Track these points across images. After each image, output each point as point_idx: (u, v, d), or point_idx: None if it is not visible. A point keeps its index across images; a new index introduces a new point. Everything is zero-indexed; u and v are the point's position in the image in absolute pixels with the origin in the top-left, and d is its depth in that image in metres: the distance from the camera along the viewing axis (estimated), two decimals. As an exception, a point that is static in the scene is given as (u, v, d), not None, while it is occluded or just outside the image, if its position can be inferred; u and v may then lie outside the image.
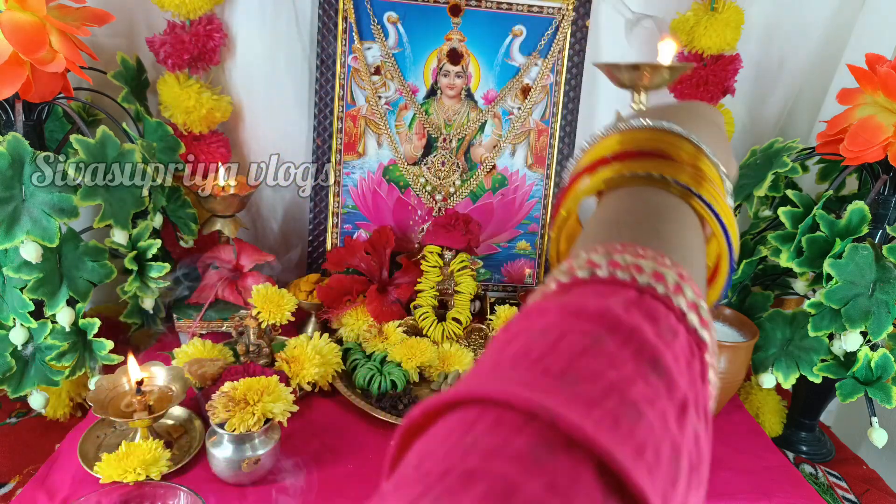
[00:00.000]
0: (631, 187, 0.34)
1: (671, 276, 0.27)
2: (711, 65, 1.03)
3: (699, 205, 0.33)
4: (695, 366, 0.25)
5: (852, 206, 0.77)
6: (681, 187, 0.33)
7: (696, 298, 0.27)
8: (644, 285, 0.26)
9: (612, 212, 0.33)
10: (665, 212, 0.32)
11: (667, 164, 0.34)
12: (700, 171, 0.34)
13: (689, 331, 0.26)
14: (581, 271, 0.27)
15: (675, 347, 0.25)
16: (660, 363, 0.23)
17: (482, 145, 1.06)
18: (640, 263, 0.27)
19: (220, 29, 0.95)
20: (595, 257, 0.28)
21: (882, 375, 0.78)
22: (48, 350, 0.75)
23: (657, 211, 0.32)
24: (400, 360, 0.88)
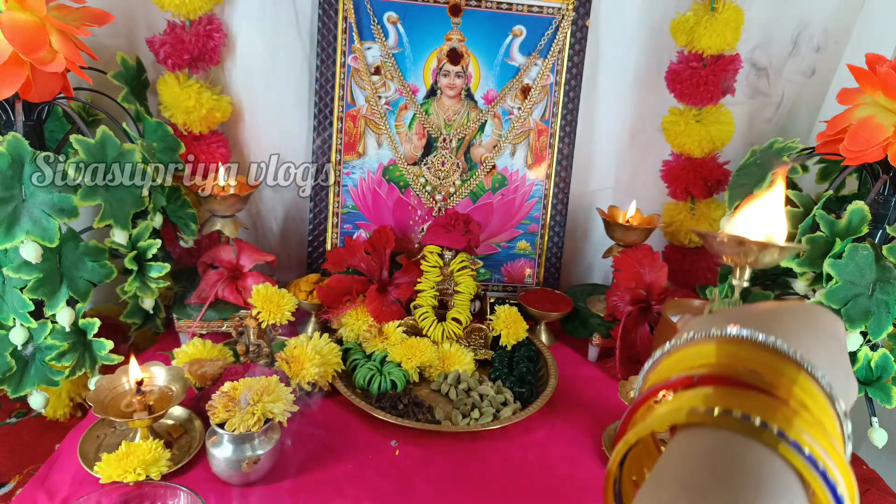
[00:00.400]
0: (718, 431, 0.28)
1: None
2: (711, 65, 1.03)
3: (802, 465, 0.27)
4: None
5: (852, 206, 0.77)
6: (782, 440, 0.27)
7: None
8: None
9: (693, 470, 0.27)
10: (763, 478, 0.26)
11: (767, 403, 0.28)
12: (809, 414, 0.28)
13: None
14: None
15: None
16: None
17: (482, 145, 1.06)
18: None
19: (220, 29, 0.95)
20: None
21: (882, 375, 0.78)
22: (48, 350, 0.75)
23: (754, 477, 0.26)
24: (400, 360, 0.88)
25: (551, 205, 1.09)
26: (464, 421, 0.80)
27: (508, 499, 0.70)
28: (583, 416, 0.85)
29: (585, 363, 0.99)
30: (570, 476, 0.74)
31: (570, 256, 1.20)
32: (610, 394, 0.87)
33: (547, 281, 1.12)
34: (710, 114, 1.07)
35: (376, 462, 0.73)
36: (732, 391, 0.29)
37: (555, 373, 0.90)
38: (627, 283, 0.97)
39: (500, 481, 0.72)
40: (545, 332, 1.03)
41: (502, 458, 0.76)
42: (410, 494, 0.69)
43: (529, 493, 0.71)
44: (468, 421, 0.80)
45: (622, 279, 0.98)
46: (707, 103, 1.05)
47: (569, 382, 0.91)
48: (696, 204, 1.12)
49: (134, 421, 0.69)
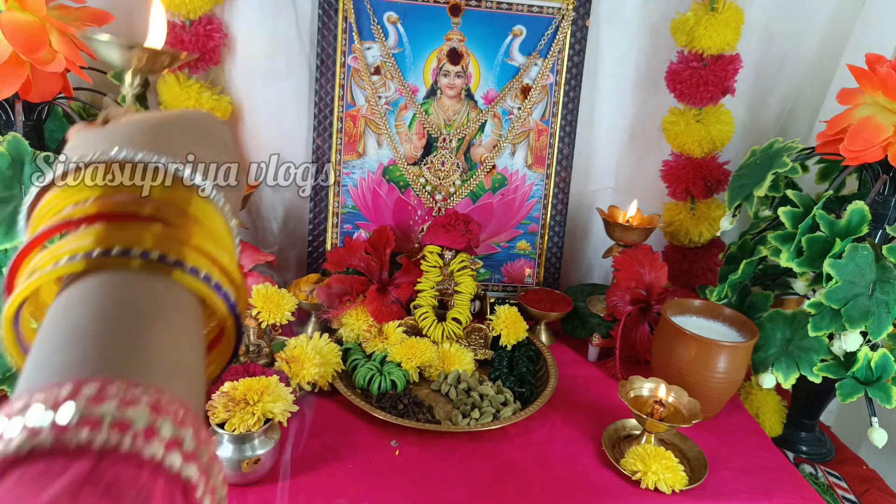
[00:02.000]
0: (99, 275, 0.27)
1: (141, 418, 0.22)
2: (711, 65, 1.03)
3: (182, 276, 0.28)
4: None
5: (852, 206, 0.77)
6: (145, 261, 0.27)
7: (176, 431, 0.22)
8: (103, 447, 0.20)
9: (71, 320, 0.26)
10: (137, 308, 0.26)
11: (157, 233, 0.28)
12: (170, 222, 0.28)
13: (170, 480, 0.22)
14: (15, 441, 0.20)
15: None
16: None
17: (482, 145, 1.07)
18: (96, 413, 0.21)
19: (220, 29, 0.96)
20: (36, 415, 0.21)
21: (882, 375, 0.78)
22: (48, 350, 0.75)
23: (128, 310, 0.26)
24: (400, 360, 0.88)
25: (551, 205, 1.09)
26: (464, 421, 0.80)
27: (508, 499, 0.70)
28: (583, 416, 0.85)
29: (585, 363, 0.99)
30: (570, 476, 0.74)
31: (570, 256, 1.20)
32: (610, 394, 0.87)
33: (547, 281, 1.12)
34: (710, 114, 1.07)
35: (376, 462, 0.73)
36: (120, 226, 0.28)
37: (555, 373, 0.90)
38: (627, 283, 0.97)
39: (500, 481, 0.72)
40: (545, 332, 1.03)
41: (502, 458, 0.76)
42: (410, 494, 0.69)
43: (529, 493, 0.71)
44: (468, 421, 0.80)
45: (622, 279, 0.98)
46: (707, 103, 1.05)
47: (569, 382, 0.91)
48: (696, 204, 1.12)
49: (134, 421, 0.69)
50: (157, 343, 0.25)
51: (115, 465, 0.20)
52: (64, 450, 0.20)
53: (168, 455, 0.22)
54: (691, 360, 0.83)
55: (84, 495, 0.19)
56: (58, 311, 0.26)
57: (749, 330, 0.85)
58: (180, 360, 0.26)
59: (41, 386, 0.22)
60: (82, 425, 0.21)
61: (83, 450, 0.20)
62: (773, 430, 0.90)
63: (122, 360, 0.24)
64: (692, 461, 0.78)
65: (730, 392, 0.86)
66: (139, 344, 0.25)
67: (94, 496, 0.20)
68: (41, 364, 0.24)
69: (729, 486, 0.74)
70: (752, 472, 0.77)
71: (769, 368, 0.85)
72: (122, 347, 0.25)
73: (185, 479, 0.22)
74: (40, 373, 0.24)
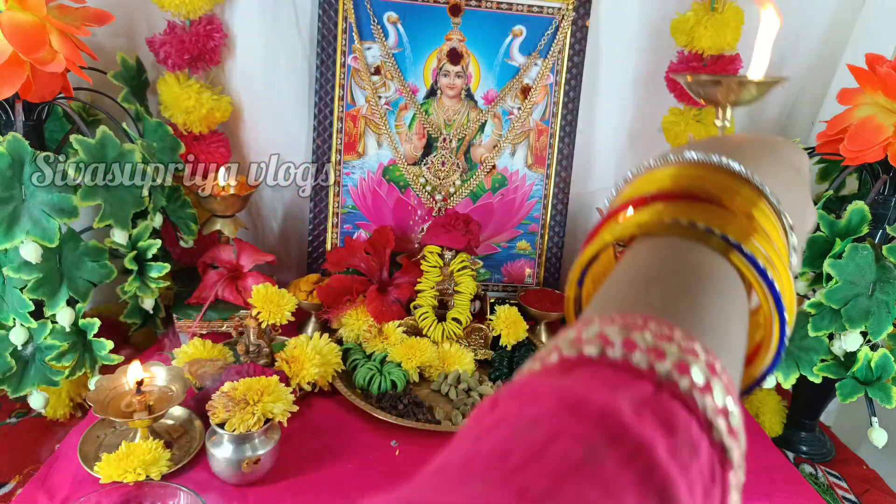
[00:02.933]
0: (669, 238, 0.29)
1: (699, 370, 0.22)
2: (711, 65, 1.03)
3: (746, 268, 0.28)
4: (714, 495, 0.21)
5: (852, 206, 0.77)
6: (726, 244, 0.28)
7: (726, 402, 0.22)
8: (664, 377, 0.21)
9: (641, 267, 0.28)
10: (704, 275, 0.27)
11: (716, 213, 0.29)
12: (755, 223, 0.29)
13: (714, 445, 0.21)
14: (590, 347, 0.23)
15: (691, 472, 0.20)
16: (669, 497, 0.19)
17: (482, 145, 1.06)
18: (662, 347, 0.22)
19: (220, 29, 0.95)
20: (610, 331, 0.23)
21: (882, 375, 0.78)
22: (48, 350, 0.75)
23: (695, 274, 0.27)
24: (400, 360, 0.88)
25: (551, 205, 1.09)
26: (464, 421, 0.80)
27: (508, 499, 0.70)
28: (583, 416, 0.85)
29: (585, 363, 0.99)
30: (570, 476, 0.74)
31: (570, 256, 1.20)
32: (610, 394, 0.87)
33: (547, 281, 1.12)
34: (710, 114, 1.07)
35: (376, 462, 0.73)
36: (685, 205, 0.30)
37: (555, 373, 0.90)
38: (627, 283, 0.97)
39: (500, 481, 0.72)
40: (545, 332, 1.03)
41: (502, 458, 0.76)
42: (410, 494, 0.69)
43: (529, 493, 0.71)
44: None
45: (622, 279, 0.98)
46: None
47: (569, 382, 0.91)
48: (696, 204, 1.12)
49: (134, 421, 0.69)
50: (712, 309, 0.26)
51: (672, 401, 0.21)
52: (628, 367, 0.22)
53: (716, 420, 0.22)
54: (691, 360, 0.82)
55: (645, 414, 0.20)
56: (628, 260, 0.29)
57: (749, 330, 0.85)
58: (729, 333, 0.26)
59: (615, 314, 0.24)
60: (650, 352, 0.22)
61: (645, 375, 0.21)
62: (773, 430, 0.90)
63: (683, 312, 0.25)
64: (692, 461, 0.78)
65: (730, 392, 0.86)
66: (696, 303, 0.26)
67: (653, 420, 0.20)
68: (611, 296, 0.27)
69: (729, 486, 0.74)
70: (752, 472, 0.77)
71: (769, 368, 0.85)
72: (683, 301, 0.26)
73: (727, 456, 0.22)
74: (610, 303, 0.26)
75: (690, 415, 0.21)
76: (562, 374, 0.22)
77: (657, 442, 0.19)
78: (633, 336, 0.23)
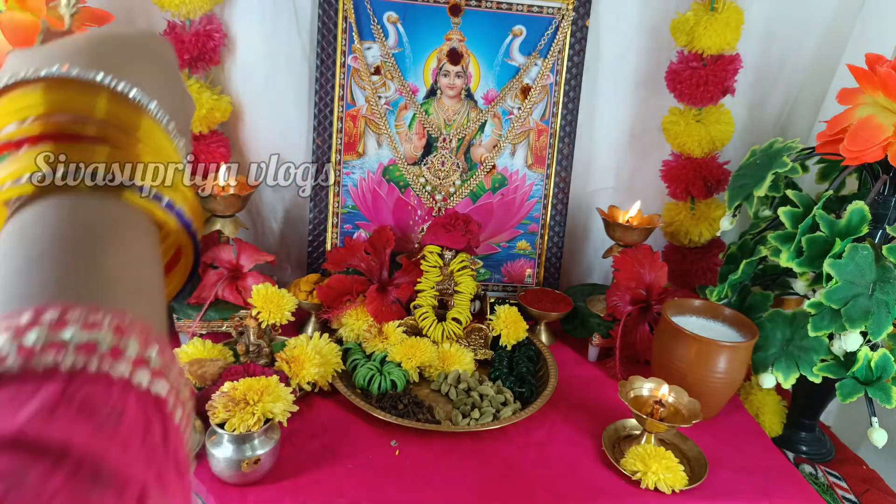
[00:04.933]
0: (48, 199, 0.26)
1: (106, 339, 0.22)
2: (711, 65, 1.03)
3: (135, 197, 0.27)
4: (154, 431, 0.22)
5: (852, 206, 0.77)
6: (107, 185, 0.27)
7: (142, 351, 0.23)
8: (71, 369, 0.21)
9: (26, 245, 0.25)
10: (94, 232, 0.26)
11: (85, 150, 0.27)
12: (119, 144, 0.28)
13: (140, 396, 0.22)
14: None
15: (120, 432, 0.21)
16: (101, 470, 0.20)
17: (482, 145, 1.06)
18: (60, 337, 0.21)
19: (220, 29, 0.96)
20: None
21: (882, 375, 0.78)
22: (48, 350, 0.75)
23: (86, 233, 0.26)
24: (400, 360, 0.88)
25: (551, 205, 1.09)
26: (464, 421, 0.80)
27: (508, 499, 0.70)
28: (583, 416, 0.85)
29: (585, 363, 0.99)
30: (570, 476, 0.74)
31: (569, 256, 1.20)
32: (610, 394, 0.87)
33: (547, 281, 1.12)
34: (710, 114, 1.07)
35: (376, 462, 0.73)
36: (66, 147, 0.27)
37: (555, 373, 0.90)
38: (627, 283, 0.97)
39: (500, 481, 0.72)
40: (545, 332, 1.03)
41: (502, 458, 0.76)
42: (410, 494, 0.69)
43: (529, 493, 0.71)
44: (468, 421, 0.80)
45: (622, 279, 0.98)
46: (707, 103, 1.05)
47: (569, 382, 0.91)
48: (696, 204, 1.12)
49: (134, 421, 0.69)
50: (115, 264, 0.25)
51: (86, 385, 0.21)
52: (32, 374, 0.20)
53: (136, 372, 0.22)
54: (691, 361, 0.83)
55: (59, 414, 0.20)
56: (10, 236, 0.26)
57: (749, 330, 0.85)
58: (140, 280, 0.26)
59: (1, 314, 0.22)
60: (48, 349, 0.21)
61: (51, 373, 0.21)
62: (773, 430, 0.90)
63: (82, 283, 0.24)
64: (692, 461, 0.78)
65: (730, 392, 0.86)
66: (97, 266, 0.25)
67: (69, 414, 0.20)
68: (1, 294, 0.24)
69: (729, 486, 0.74)
70: (752, 472, 0.77)
71: (769, 368, 0.85)
72: (80, 270, 0.24)
73: (155, 395, 0.23)
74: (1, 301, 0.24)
75: (108, 387, 0.21)
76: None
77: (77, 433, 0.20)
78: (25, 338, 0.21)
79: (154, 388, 0.23)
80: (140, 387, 0.22)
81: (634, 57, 1.09)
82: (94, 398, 0.21)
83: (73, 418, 0.20)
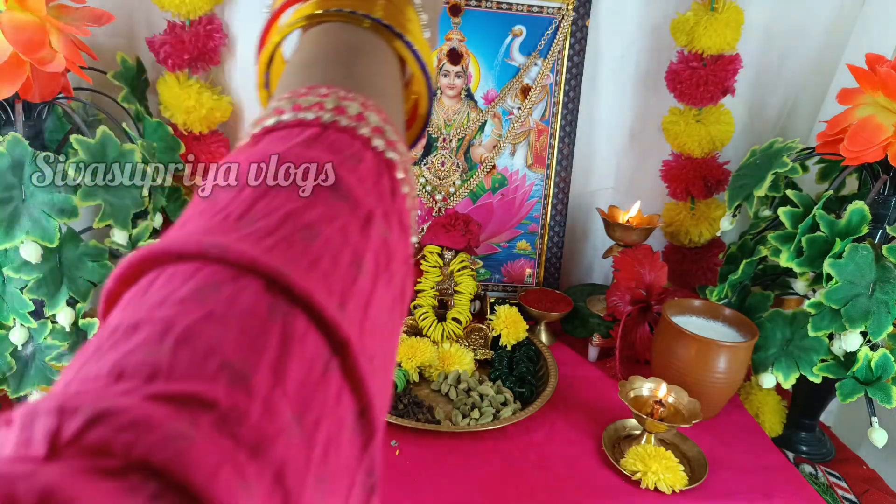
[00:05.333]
0: (327, 25, 0.33)
1: (353, 107, 0.28)
2: (711, 65, 1.03)
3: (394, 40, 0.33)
4: (383, 183, 0.27)
5: (852, 206, 0.77)
6: (374, 22, 0.33)
7: (380, 123, 0.28)
8: (327, 121, 0.27)
9: (305, 53, 0.33)
10: (357, 49, 0.32)
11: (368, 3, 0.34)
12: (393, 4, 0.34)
13: (377, 154, 0.27)
14: (268, 119, 0.28)
15: (359, 171, 0.26)
16: (340, 186, 0.25)
17: (482, 145, 1.06)
18: (322, 101, 0.28)
19: (220, 29, 0.95)
20: (281, 103, 0.28)
21: (882, 375, 0.78)
22: (48, 350, 0.75)
23: (349, 49, 0.32)
24: (400, 360, 0.88)
25: (551, 205, 1.09)
26: (464, 421, 0.80)
27: (508, 499, 0.70)
28: (583, 416, 0.85)
29: (585, 363, 0.99)
30: (570, 476, 0.74)
31: (569, 256, 1.20)
32: (610, 394, 0.87)
33: (547, 281, 1.12)
34: (710, 114, 1.07)
35: (376, 462, 0.73)
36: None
37: (555, 373, 0.90)
38: (627, 283, 0.97)
39: (500, 481, 0.72)
40: (545, 332, 1.03)
41: (502, 458, 0.76)
42: (410, 494, 0.69)
43: (529, 493, 0.71)
44: (468, 421, 0.80)
45: (622, 279, 0.98)
46: (707, 103, 1.05)
47: (569, 382, 0.91)
48: (696, 204, 1.12)
49: (134, 421, 0.69)
50: (368, 73, 0.32)
51: (336, 133, 0.27)
52: (300, 123, 0.27)
53: (374, 137, 0.28)
54: (691, 361, 0.83)
55: (314, 146, 0.26)
56: (296, 51, 0.34)
57: (749, 330, 0.85)
58: (383, 87, 0.32)
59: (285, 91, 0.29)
60: (312, 108, 0.27)
61: (312, 123, 0.27)
62: (773, 430, 0.90)
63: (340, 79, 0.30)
64: (692, 461, 0.78)
65: (730, 392, 0.86)
66: (352, 70, 0.31)
67: (321, 148, 0.26)
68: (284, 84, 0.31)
69: (729, 486, 0.74)
70: (752, 472, 0.77)
71: (769, 368, 0.85)
72: (340, 69, 0.31)
73: (388, 158, 0.28)
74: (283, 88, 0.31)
75: (353, 139, 0.27)
76: (251, 147, 0.28)
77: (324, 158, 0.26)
78: (299, 101, 0.28)
79: (388, 153, 0.28)
80: (377, 147, 0.28)
81: (634, 57, 1.09)
82: (341, 142, 0.27)
83: (323, 151, 0.26)
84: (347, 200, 0.25)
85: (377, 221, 0.26)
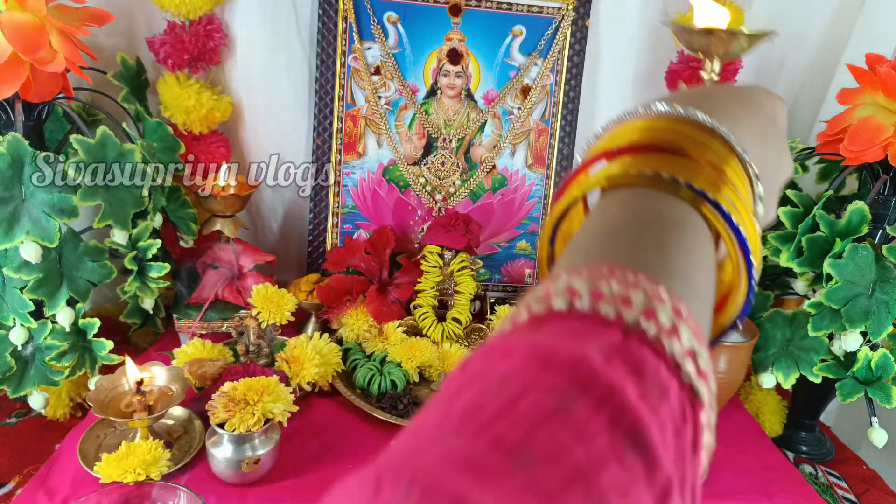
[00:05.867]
0: (635, 189, 0.29)
1: (665, 314, 0.22)
2: (711, 65, 1.03)
3: (713, 215, 0.28)
4: (686, 434, 0.21)
5: (852, 206, 0.77)
6: (693, 192, 0.28)
7: (694, 344, 0.22)
8: (631, 325, 0.22)
9: (607, 219, 0.28)
10: (670, 224, 0.27)
11: (682, 163, 0.29)
12: (721, 172, 0.29)
13: (683, 386, 0.21)
14: (558, 300, 0.23)
15: (662, 412, 0.20)
16: (641, 436, 0.19)
17: (482, 145, 1.06)
18: (629, 296, 0.22)
19: (220, 29, 0.95)
20: (576, 283, 0.23)
21: (882, 375, 0.78)
22: (48, 350, 0.75)
23: (661, 222, 0.27)
24: (400, 360, 0.88)
25: (551, 205, 1.09)
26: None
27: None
28: (583, 416, 0.85)
29: (585, 363, 0.99)
30: (570, 476, 0.74)
31: (570, 256, 1.20)
32: (610, 394, 0.87)
33: (547, 281, 1.12)
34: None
35: (376, 462, 0.73)
36: (653, 157, 0.29)
37: (555, 373, 0.90)
38: (627, 283, 0.97)
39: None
40: (545, 332, 1.03)
41: (502, 458, 0.76)
42: (410, 494, 0.69)
43: (529, 494, 0.71)
44: (468, 421, 0.80)
45: (622, 279, 0.98)
46: (707, 103, 1.05)
47: (569, 382, 0.91)
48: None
49: (134, 421, 0.69)
50: (678, 255, 0.26)
51: (640, 347, 0.21)
52: (596, 318, 0.22)
53: (684, 362, 0.22)
54: (691, 360, 0.82)
55: (614, 361, 0.20)
56: (595, 212, 0.29)
57: (749, 330, 0.85)
58: (696, 279, 0.26)
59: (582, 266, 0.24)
60: (616, 301, 0.22)
61: (611, 323, 0.22)
62: (773, 430, 0.90)
63: (649, 260, 0.25)
64: (692, 461, 0.77)
65: (730, 392, 0.86)
66: (663, 251, 0.26)
67: (623, 367, 0.20)
68: (579, 249, 0.27)
69: (729, 486, 0.74)
70: (752, 472, 0.77)
71: (769, 368, 0.85)
72: (648, 249, 0.26)
73: (696, 394, 0.22)
74: (578, 256, 0.27)
75: (659, 358, 0.21)
76: (532, 331, 0.23)
77: (626, 385, 0.20)
78: (599, 286, 0.23)
79: (697, 386, 0.22)
80: (685, 377, 0.22)
81: (634, 57, 1.09)
82: (647, 364, 0.21)
83: (626, 371, 0.20)
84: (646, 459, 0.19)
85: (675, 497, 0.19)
